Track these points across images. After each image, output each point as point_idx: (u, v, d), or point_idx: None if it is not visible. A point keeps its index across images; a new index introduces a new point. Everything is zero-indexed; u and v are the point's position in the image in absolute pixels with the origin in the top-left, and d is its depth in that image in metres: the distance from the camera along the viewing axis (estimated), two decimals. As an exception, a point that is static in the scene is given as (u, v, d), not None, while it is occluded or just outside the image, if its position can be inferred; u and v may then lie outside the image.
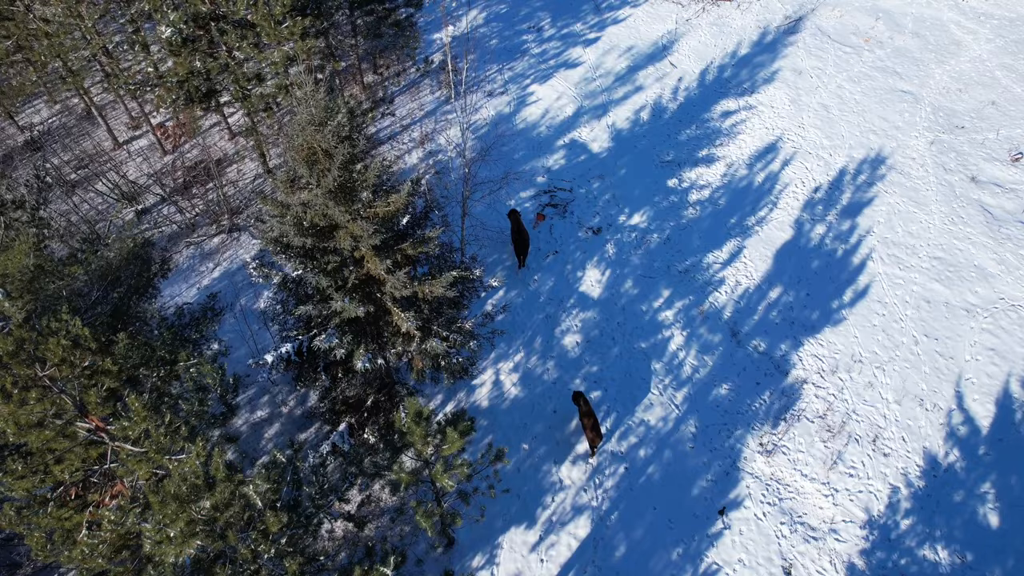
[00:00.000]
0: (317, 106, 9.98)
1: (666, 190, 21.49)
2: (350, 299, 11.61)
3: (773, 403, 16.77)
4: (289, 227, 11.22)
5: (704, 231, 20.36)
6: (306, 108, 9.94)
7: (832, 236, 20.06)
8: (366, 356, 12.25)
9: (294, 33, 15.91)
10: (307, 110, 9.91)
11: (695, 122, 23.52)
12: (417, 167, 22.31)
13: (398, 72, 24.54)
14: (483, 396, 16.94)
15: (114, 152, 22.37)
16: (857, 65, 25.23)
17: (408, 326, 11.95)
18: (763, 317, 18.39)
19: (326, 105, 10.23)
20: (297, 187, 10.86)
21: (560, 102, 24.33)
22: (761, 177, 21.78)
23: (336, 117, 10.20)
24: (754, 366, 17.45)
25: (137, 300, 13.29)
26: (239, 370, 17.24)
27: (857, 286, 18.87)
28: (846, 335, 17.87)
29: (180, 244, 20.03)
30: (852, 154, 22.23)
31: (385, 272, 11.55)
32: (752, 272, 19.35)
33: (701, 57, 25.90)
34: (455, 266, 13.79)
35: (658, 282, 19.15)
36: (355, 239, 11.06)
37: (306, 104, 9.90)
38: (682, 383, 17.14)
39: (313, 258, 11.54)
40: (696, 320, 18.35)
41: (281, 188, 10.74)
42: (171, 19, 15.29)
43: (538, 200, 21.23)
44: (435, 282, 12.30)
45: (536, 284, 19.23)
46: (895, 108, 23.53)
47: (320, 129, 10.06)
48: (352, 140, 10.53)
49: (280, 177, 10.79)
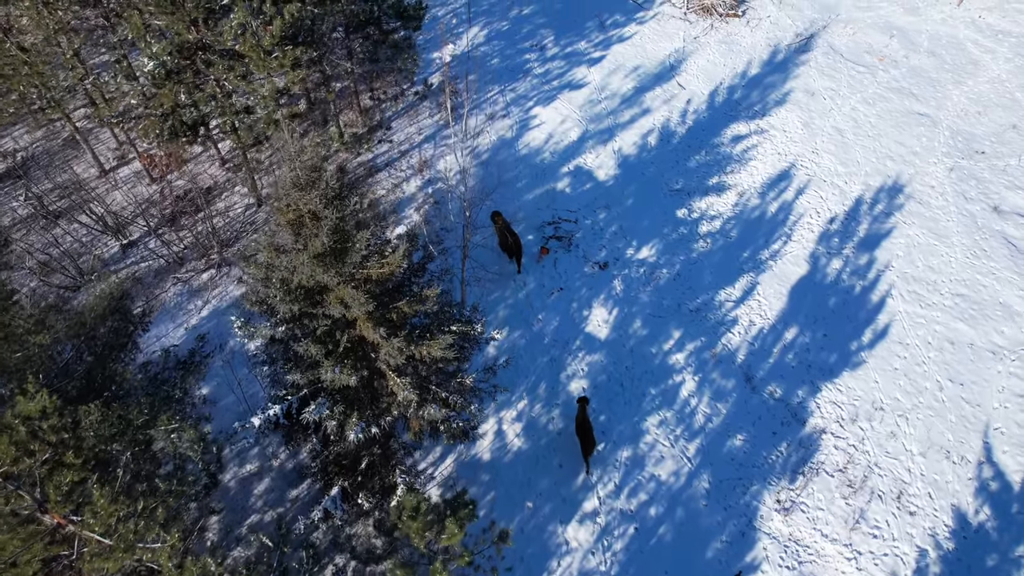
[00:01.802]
0: (303, 167, 9.09)
1: (675, 221, 20.60)
2: (341, 367, 10.71)
3: (790, 455, 15.88)
4: (275, 290, 10.32)
5: (716, 266, 19.47)
6: (290, 169, 9.05)
7: (849, 271, 19.17)
8: (359, 426, 11.37)
9: (284, 64, 15.02)
10: (291, 172, 9.02)
11: (705, 147, 22.63)
12: (415, 196, 21.42)
13: (396, 95, 23.64)
14: (484, 448, 16.05)
15: (100, 180, 21.48)
16: (871, 86, 24.36)
17: (405, 394, 11.06)
18: (779, 360, 17.50)
19: (313, 165, 9.34)
20: (282, 250, 9.98)
21: (564, 126, 23.44)
22: (774, 207, 20.89)
23: (324, 176, 9.31)
24: (770, 414, 16.56)
25: (114, 360, 12.39)
26: (227, 420, 16.36)
27: (876, 326, 17.98)
28: (866, 380, 16.99)
29: (167, 280, 19.14)
30: (868, 182, 21.35)
31: (381, 338, 10.66)
32: (766, 311, 18.46)
33: (710, 77, 25.01)
34: (455, 320, 12.89)
35: (668, 322, 18.25)
36: (346, 305, 10.17)
37: (291, 165, 9.01)
38: (694, 434, 16.25)
39: (301, 322, 10.65)
40: (708, 364, 17.45)
41: (264, 252, 9.86)
42: (154, 51, 14.40)
43: (541, 232, 20.33)
44: (433, 344, 11.42)
45: (540, 324, 18.34)
46: (912, 132, 22.65)
47: (306, 192, 9.17)
48: (341, 201, 9.64)
49: (262, 241, 9.91)
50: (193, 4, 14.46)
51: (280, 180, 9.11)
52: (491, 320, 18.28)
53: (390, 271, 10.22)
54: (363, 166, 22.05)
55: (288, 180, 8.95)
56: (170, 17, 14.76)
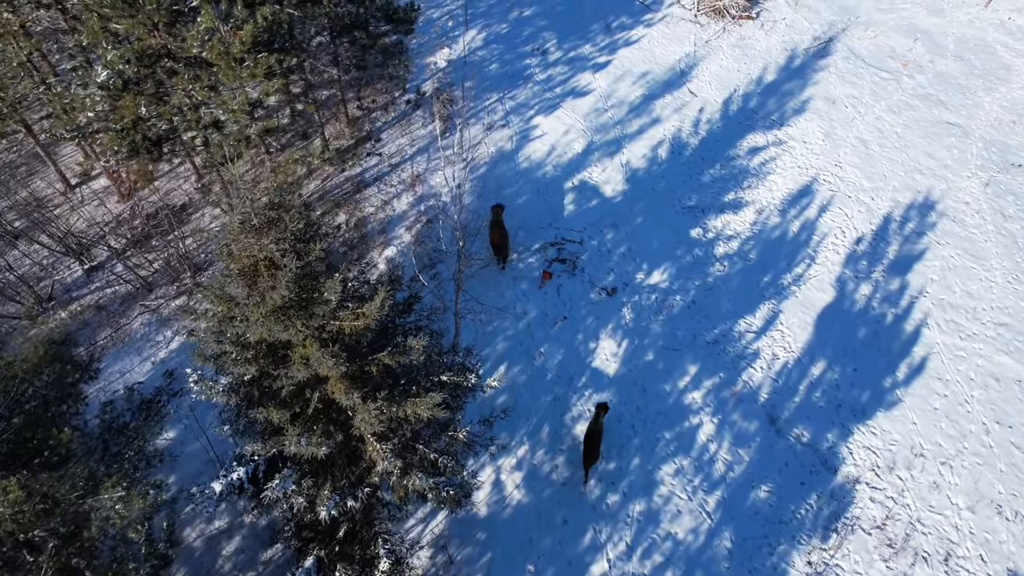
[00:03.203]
0: (256, 206, 7.45)
1: (689, 242, 18.95)
2: (309, 435, 9.06)
3: (821, 509, 14.24)
4: (229, 346, 8.68)
5: (734, 292, 17.82)
6: (241, 208, 7.42)
7: (880, 298, 17.53)
8: (332, 500, 9.72)
9: (257, 74, 13.40)
10: (241, 213, 7.39)
11: (719, 160, 20.99)
12: (407, 214, 19.77)
13: (386, 104, 21.99)
14: (481, 502, 14.41)
15: (65, 196, 19.83)
16: (896, 93, 22.72)
17: (385, 465, 9.42)
18: (805, 399, 15.86)
19: (270, 202, 7.69)
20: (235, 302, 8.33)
21: (568, 137, 21.79)
22: (796, 226, 19.25)
23: (284, 216, 7.66)
24: (797, 461, 14.92)
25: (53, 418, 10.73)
26: (194, 468, 14.72)
27: (912, 360, 16.35)
28: (903, 422, 15.35)
29: (135, 308, 17.49)
30: (897, 198, 19.71)
31: (357, 401, 9.01)
32: (790, 343, 16.82)
33: (723, 84, 23.37)
34: (446, 368, 11.25)
35: (683, 355, 16.61)
36: (312, 365, 8.53)
37: (241, 203, 7.37)
38: (714, 484, 14.60)
39: (261, 383, 9.01)
40: (728, 403, 15.81)
41: (213, 305, 8.23)
42: (108, 59, 12.77)
43: (544, 254, 18.68)
44: (420, 403, 9.77)
45: (542, 358, 16.69)
46: (942, 143, 21.01)
47: (261, 236, 7.53)
48: (306, 244, 8.00)
49: (209, 294, 8.25)
50: (154, 6, 12.84)
51: (228, 225, 7.48)
52: (488, 354, 16.64)
53: (364, 324, 8.57)
54: (350, 181, 20.40)
55: (236, 224, 7.31)
56: (129, 21, 13.14)
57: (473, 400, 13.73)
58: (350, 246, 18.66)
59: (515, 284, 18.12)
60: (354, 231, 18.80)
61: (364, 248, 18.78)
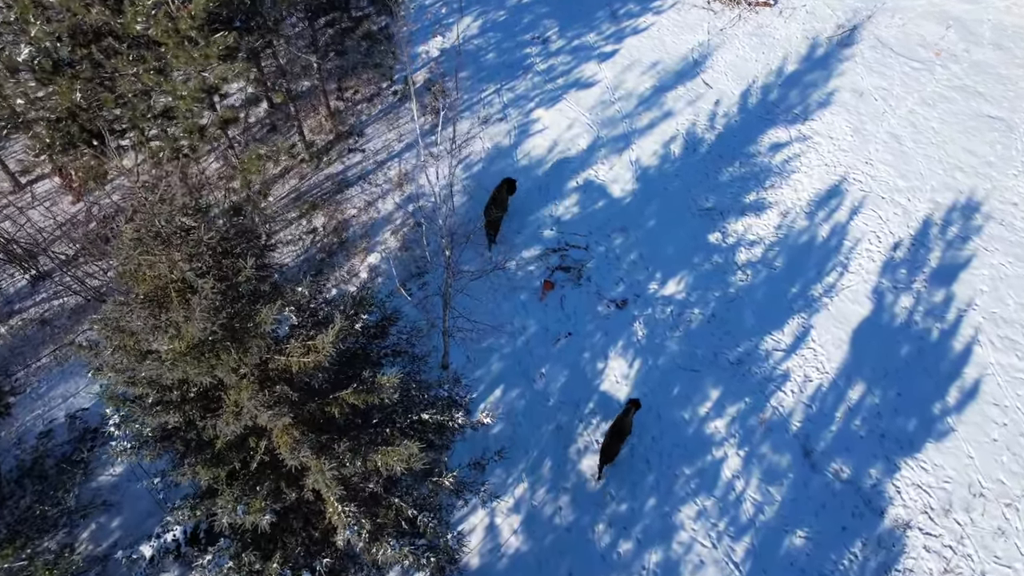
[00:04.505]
0: (162, 214, 5.51)
1: (707, 247, 16.99)
2: (250, 499, 7.10)
3: (868, 559, 12.28)
4: (143, 388, 6.72)
5: (759, 304, 15.87)
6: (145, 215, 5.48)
7: (923, 311, 15.59)
8: (282, 575, 7.75)
9: (211, 55, 11.48)
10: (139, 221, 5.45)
11: (738, 157, 19.03)
12: (393, 216, 17.82)
13: (371, 96, 20.04)
14: (473, 550, 12.43)
15: (13, 196, 17.88)
16: (930, 84, 20.76)
17: (347, 534, 7.46)
18: (843, 428, 13.91)
19: (185, 206, 5.74)
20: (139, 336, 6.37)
21: (572, 131, 19.84)
22: (825, 230, 17.30)
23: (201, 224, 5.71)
24: (837, 502, 12.97)
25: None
26: (140, 510, 12.75)
27: (963, 382, 14.41)
28: (957, 455, 13.40)
29: (84, 322, 15.54)
30: (936, 198, 17.77)
31: (309, 459, 7.05)
32: (824, 362, 14.87)
33: (740, 75, 21.41)
34: (428, 404, 9.29)
35: (703, 378, 14.65)
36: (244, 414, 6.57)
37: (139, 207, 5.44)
38: (742, 529, 12.64)
39: (185, 437, 7.05)
40: (756, 433, 13.86)
41: (109, 340, 6.29)
42: (32, 35, 10.86)
43: (545, 261, 16.73)
44: (392, 452, 7.82)
45: (543, 380, 14.73)
46: (984, 138, 19.07)
47: (168, 251, 5.58)
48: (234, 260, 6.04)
49: (104, 328, 6.29)
50: (90, -25, 10.94)
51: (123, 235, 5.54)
52: (481, 376, 14.69)
53: (316, 362, 6.61)
54: (331, 180, 18.44)
55: (128, 236, 5.37)
56: (62, -8, 11.22)
57: (463, 437, 11.77)
58: (329, 252, 16.71)
59: (512, 295, 16.17)
60: (333, 235, 16.85)
61: (344, 255, 16.83)
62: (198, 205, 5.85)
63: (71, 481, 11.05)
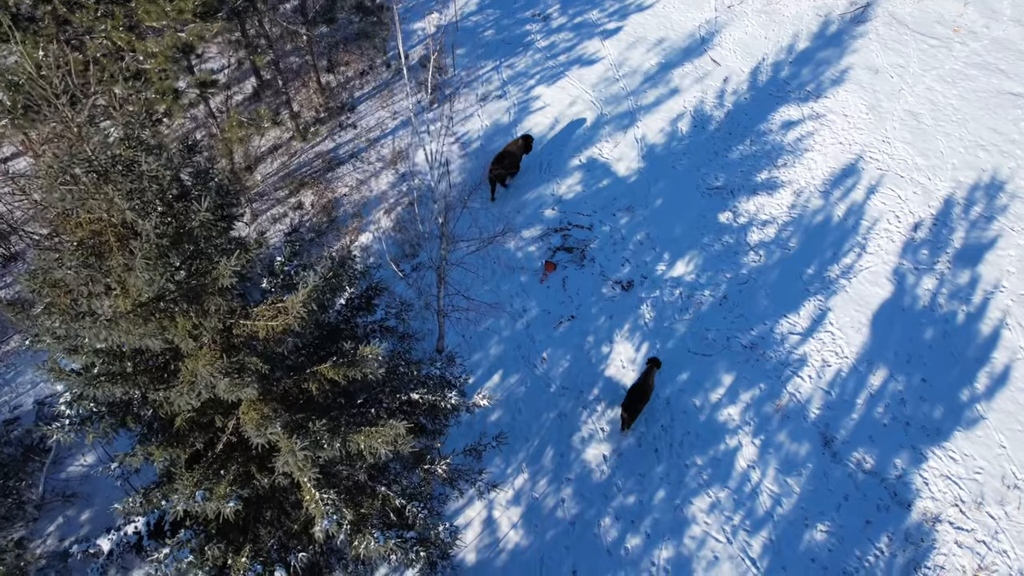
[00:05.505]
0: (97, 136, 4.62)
1: (717, 227, 16.11)
2: (212, 484, 6.20)
3: (895, 555, 11.39)
4: (91, 357, 5.83)
5: (773, 287, 14.98)
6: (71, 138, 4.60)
7: (947, 293, 14.70)
8: (252, 570, 6.87)
9: (185, 10, 10.59)
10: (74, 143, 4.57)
11: (749, 135, 18.14)
12: (386, 195, 16.94)
13: (364, 71, 19.14)
14: (469, 545, 11.55)
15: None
16: (948, 61, 19.86)
17: (325, 524, 6.57)
18: (865, 416, 13.02)
19: (129, 135, 4.85)
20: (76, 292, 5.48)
21: (574, 108, 18.95)
22: (841, 209, 16.41)
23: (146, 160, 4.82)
24: (860, 494, 12.07)
25: None
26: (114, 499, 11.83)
27: (993, 368, 13.52)
28: (988, 445, 12.52)
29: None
30: (958, 177, 16.88)
31: (280, 436, 6.16)
32: (843, 347, 13.98)
33: (750, 52, 20.52)
34: (419, 383, 8.41)
35: (715, 363, 13.76)
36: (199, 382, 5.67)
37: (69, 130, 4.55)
38: (759, 523, 11.75)
39: (137, 414, 6.16)
40: (772, 420, 12.97)
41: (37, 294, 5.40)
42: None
43: (547, 241, 15.84)
44: (376, 433, 6.93)
45: (545, 365, 13.84)
46: (1007, 116, 18.18)
47: (104, 183, 4.69)
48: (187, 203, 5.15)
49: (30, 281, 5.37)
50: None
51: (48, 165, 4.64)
52: (479, 360, 13.80)
53: (284, 325, 5.72)
54: (321, 157, 17.54)
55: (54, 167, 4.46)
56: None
57: (457, 422, 10.89)
58: (318, 232, 15.82)
59: (512, 275, 15.29)
60: (322, 214, 15.95)
61: (335, 234, 15.94)
62: (141, 137, 4.95)
63: (36, 472, 10.16)
